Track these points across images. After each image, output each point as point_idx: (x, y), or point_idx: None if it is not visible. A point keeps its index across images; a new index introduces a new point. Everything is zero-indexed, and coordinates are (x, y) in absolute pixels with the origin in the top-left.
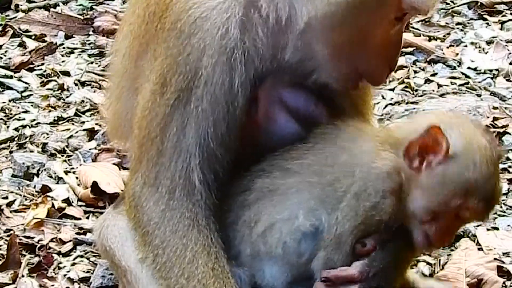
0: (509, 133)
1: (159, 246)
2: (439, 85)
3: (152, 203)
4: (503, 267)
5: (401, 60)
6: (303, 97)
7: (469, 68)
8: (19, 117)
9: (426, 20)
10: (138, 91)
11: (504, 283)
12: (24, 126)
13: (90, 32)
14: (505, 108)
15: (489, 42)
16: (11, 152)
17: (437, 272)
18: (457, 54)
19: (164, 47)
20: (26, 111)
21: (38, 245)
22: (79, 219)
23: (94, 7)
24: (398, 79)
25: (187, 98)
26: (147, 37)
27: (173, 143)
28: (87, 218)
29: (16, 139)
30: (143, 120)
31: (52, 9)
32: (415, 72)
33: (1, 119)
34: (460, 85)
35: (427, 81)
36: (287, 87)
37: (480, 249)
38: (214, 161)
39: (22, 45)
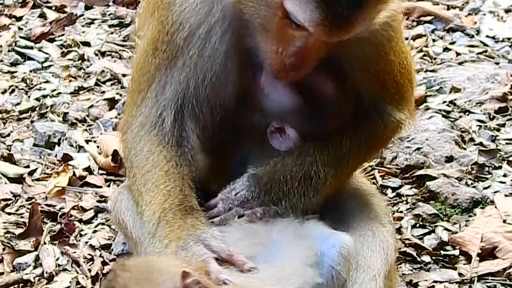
0: None
1: (130, 166)
2: (458, 53)
3: (129, 133)
4: None
5: (420, 29)
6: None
7: (487, 36)
8: (40, 87)
9: None
10: None
11: None
12: (45, 96)
13: (110, 3)
14: None
15: (507, 11)
16: (32, 121)
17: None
18: (475, 22)
19: (157, 16)
20: (47, 81)
21: (60, 213)
22: (100, 187)
23: None
24: (417, 47)
25: (172, 64)
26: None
27: (154, 95)
28: (108, 186)
29: (37, 108)
30: (135, 73)
31: None
32: (434, 40)
33: (22, 89)
34: (478, 53)
35: (446, 49)
36: None
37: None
38: (189, 116)
39: (42, 16)
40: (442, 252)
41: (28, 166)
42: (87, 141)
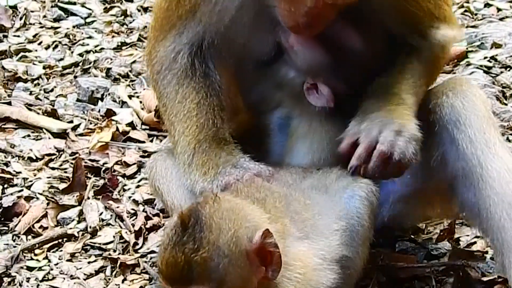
0: None
1: (159, 96)
2: (499, 9)
3: (151, 66)
4: None
5: None
6: (335, 23)
7: None
8: (83, 43)
9: None
10: None
11: None
12: (88, 52)
13: None
14: None
15: None
16: (75, 77)
17: None
18: None
19: None
20: (90, 37)
21: (103, 168)
22: (143, 142)
23: None
24: (458, 3)
25: (191, 16)
26: None
27: (173, 37)
28: (151, 141)
29: (80, 64)
30: (156, 21)
31: None
32: None
33: (66, 44)
34: None
35: (487, 5)
36: None
37: None
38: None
39: None
40: None
41: (71, 121)
42: (130, 97)
